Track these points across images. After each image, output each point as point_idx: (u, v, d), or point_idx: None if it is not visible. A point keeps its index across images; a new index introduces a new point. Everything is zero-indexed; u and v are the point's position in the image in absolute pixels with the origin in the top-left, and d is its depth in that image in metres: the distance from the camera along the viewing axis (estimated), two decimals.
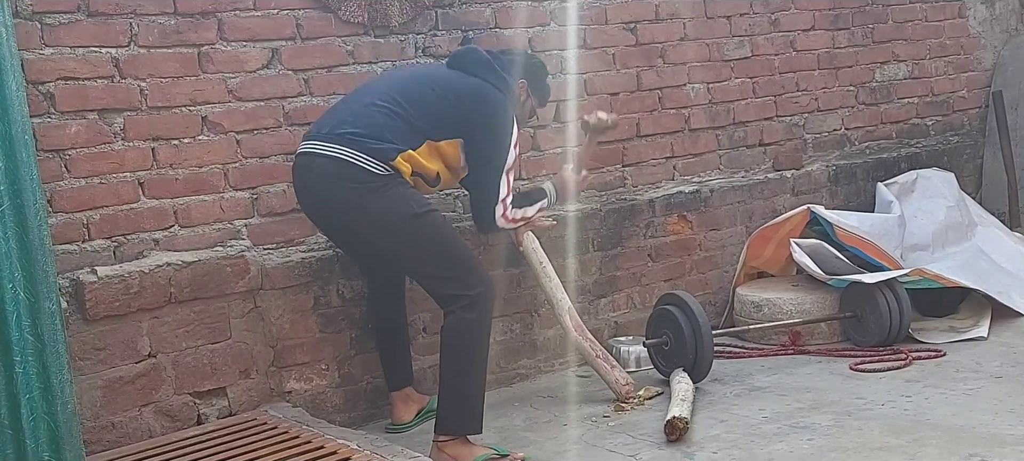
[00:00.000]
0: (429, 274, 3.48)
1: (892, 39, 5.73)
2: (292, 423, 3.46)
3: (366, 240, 3.52)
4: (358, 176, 3.35)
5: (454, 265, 3.43)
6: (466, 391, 3.40)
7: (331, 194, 3.42)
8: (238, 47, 3.68)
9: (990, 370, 4.04)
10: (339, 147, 3.37)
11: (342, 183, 3.37)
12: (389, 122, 3.41)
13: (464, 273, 3.42)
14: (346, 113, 3.47)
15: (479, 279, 3.43)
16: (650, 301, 4.57)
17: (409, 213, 3.38)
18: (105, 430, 3.38)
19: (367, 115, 3.42)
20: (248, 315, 3.66)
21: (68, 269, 3.35)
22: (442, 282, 3.43)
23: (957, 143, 6.06)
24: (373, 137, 3.37)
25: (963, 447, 3.25)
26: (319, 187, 3.45)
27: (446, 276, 3.42)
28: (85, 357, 3.34)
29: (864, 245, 4.73)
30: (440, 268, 3.43)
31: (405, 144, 3.41)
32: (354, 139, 3.37)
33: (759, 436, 3.50)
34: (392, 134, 3.40)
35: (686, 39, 4.91)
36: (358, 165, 3.34)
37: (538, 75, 3.88)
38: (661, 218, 4.79)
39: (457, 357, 3.39)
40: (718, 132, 5.05)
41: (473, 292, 3.38)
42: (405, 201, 3.39)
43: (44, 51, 3.31)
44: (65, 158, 3.36)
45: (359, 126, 3.39)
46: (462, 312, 3.37)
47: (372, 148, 3.36)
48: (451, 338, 3.40)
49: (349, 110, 3.48)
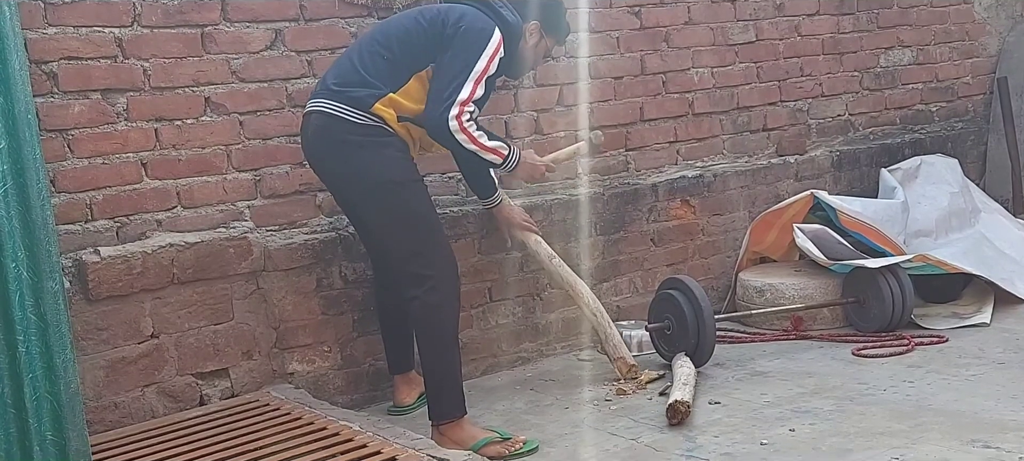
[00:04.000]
0: (398, 246, 3.45)
1: (897, 25, 5.71)
2: (294, 404, 3.46)
3: (351, 205, 3.52)
4: (342, 128, 3.35)
5: (422, 241, 3.41)
6: (446, 373, 3.41)
7: (322, 152, 3.45)
8: (241, 28, 3.67)
9: (993, 356, 4.04)
10: (325, 101, 3.40)
11: (331, 136, 3.38)
12: (369, 65, 3.40)
13: (430, 251, 3.41)
14: (333, 66, 3.51)
15: (444, 260, 3.43)
16: (652, 285, 4.57)
17: (389, 178, 3.37)
18: (108, 410, 3.39)
19: (348, 63, 3.44)
20: (251, 296, 3.66)
21: (71, 249, 3.35)
22: (409, 258, 3.41)
23: (961, 129, 6.05)
24: (352, 84, 3.38)
25: (965, 432, 3.25)
26: (314, 146, 3.48)
27: (414, 252, 3.40)
28: (88, 337, 3.34)
29: (867, 231, 4.73)
30: (409, 243, 3.41)
31: (386, 86, 3.38)
32: (337, 91, 3.39)
33: (761, 420, 3.51)
34: (373, 77, 3.38)
35: (691, 23, 4.89)
36: (340, 116, 3.36)
37: (554, 13, 3.72)
38: (664, 203, 4.78)
39: (432, 343, 3.41)
40: (722, 117, 5.04)
41: (433, 273, 3.37)
42: (388, 166, 3.37)
43: (47, 30, 3.30)
44: (68, 138, 3.36)
45: (340, 76, 3.42)
46: (426, 295, 3.37)
47: (350, 97, 3.36)
48: (422, 326, 3.43)
49: (336, 63, 3.52)
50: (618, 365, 3.91)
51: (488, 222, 4.13)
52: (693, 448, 3.31)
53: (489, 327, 4.26)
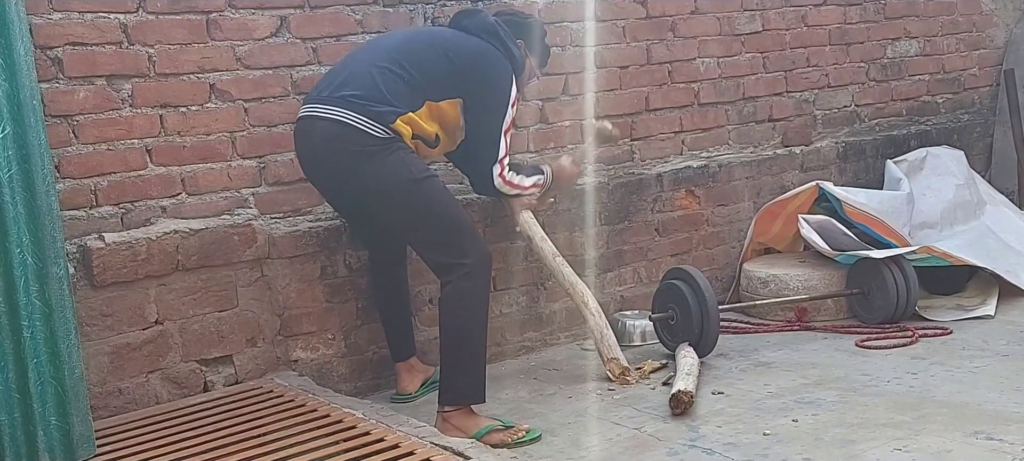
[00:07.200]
0: (426, 240, 3.46)
1: (904, 15, 5.69)
2: (298, 392, 3.47)
3: (365, 208, 3.52)
4: (358, 139, 3.34)
5: (452, 231, 3.42)
6: (467, 361, 3.40)
7: (331, 159, 3.42)
8: (246, 14, 3.66)
9: (996, 348, 4.04)
10: (340, 110, 3.36)
11: (342, 146, 3.36)
12: (389, 84, 3.40)
13: (461, 240, 3.41)
14: (346, 75, 3.46)
15: (476, 247, 3.43)
16: (656, 275, 4.57)
17: (409, 178, 3.38)
18: (112, 396, 3.40)
19: (367, 77, 3.41)
20: (255, 284, 3.66)
21: (76, 235, 3.35)
22: (439, 249, 3.42)
23: (967, 121, 6.03)
24: (373, 100, 3.36)
25: (968, 424, 3.25)
26: (320, 151, 3.44)
27: (444, 242, 3.41)
28: (92, 323, 3.35)
29: (872, 222, 4.72)
30: (438, 234, 3.42)
31: (405, 106, 3.41)
32: (354, 102, 3.36)
33: (764, 411, 3.51)
34: (392, 96, 3.39)
35: (697, 12, 4.88)
36: (358, 128, 3.34)
37: (535, 35, 3.86)
38: (669, 193, 4.78)
39: (457, 327, 3.39)
40: (727, 107, 5.03)
41: (469, 260, 3.37)
42: (405, 166, 3.38)
43: (52, 16, 3.30)
44: (73, 124, 3.36)
45: (360, 88, 3.38)
46: (459, 282, 3.37)
47: (372, 111, 3.35)
48: (450, 308, 3.40)
49: (349, 72, 3.47)
50: (610, 366, 3.90)
51: (493, 211, 4.13)
52: (696, 438, 3.31)
53: (494, 316, 4.25)
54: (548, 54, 4.00)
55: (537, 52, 3.88)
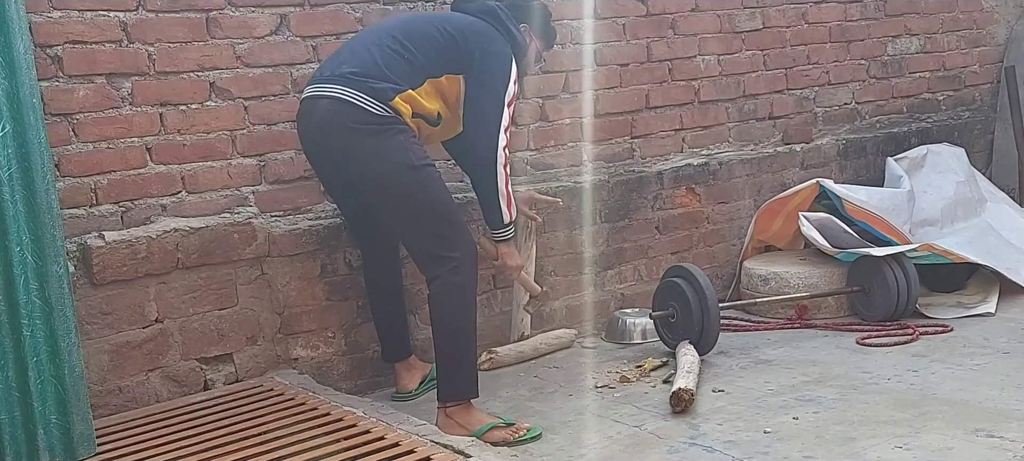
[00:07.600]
0: (417, 229, 3.44)
1: (905, 13, 5.69)
2: (298, 390, 3.47)
3: (361, 192, 3.50)
4: (357, 116, 3.33)
5: (443, 223, 3.41)
6: (463, 356, 3.41)
7: (331, 138, 3.41)
8: (246, 12, 3.66)
9: (997, 346, 4.04)
10: (340, 88, 3.36)
11: (341, 123, 3.36)
12: (389, 61, 3.40)
13: (452, 233, 3.40)
14: (347, 54, 3.47)
15: (464, 241, 3.43)
16: (657, 273, 4.57)
17: (406, 163, 3.37)
18: (112, 394, 3.40)
19: (367, 55, 3.42)
20: (255, 282, 3.66)
21: (75, 233, 3.35)
22: (429, 239, 3.41)
23: (968, 118, 6.03)
24: (372, 76, 3.36)
25: (969, 422, 3.24)
26: (319, 130, 3.44)
27: (435, 233, 3.40)
28: (92, 321, 3.35)
29: (873, 220, 4.72)
30: (429, 224, 3.41)
31: (405, 83, 3.40)
32: (353, 79, 3.36)
33: (764, 409, 3.50)
34: (392, 73, 3.38)
35: (697, 10, 4.87)
36: (357, 105, 3.34)
37: (541, 16, 3.84)
38: (669, 190, 4.78)
39: (451, 324, 3.40)
40: (728, 105, 5.03)
41: (457, 254, 3.37)
42: (404, 150, 3.37)
43: (52, 14, 3.30)
44: (73, 122, 3.36)
45: (359, 66, 3.39)
46: (448, 276, 3.36)
47: (371, 88, 3.35)
48: (442, 305, 3.40)
49: (350, 51, 3.48)
50: None
51: None
52: (696, 436, 3.31)
53: (493, 314, 4.26)
54: (554, 35, 3.96)
55: (542, 34, 3.85)
